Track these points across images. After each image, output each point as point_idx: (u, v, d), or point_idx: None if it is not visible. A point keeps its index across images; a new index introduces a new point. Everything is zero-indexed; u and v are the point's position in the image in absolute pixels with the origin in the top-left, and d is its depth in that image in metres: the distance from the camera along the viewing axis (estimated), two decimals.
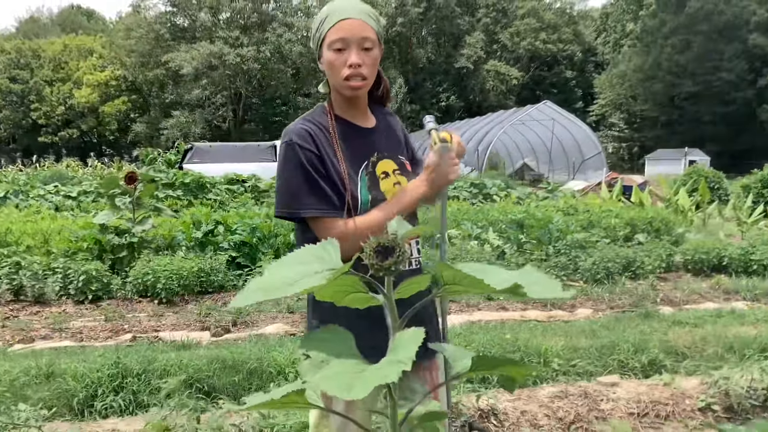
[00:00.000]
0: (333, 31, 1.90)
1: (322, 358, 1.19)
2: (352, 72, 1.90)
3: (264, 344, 4.66)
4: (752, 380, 3.89)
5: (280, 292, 1.23)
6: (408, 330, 1.21)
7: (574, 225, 8.60)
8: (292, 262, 1.31)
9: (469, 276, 1.18)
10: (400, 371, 1.07)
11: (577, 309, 6.05)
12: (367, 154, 2.01)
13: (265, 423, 2.92)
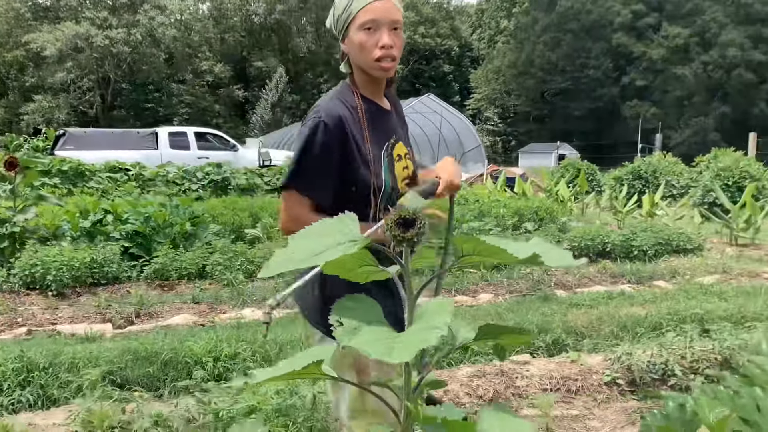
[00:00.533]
0: (364, 12, 1.89)
1: (354, 324, 1.18)
2: (383, 53, 1.90)
3: (176, 335, 4.52)
4: (652, 355, 4.16)
5: (307, 262, 1.22)
6: (435, 299, 1.23)
7: (468, 214, 8.83)
8: (313, 234, 1.29)
9: (492, 246, 1.20)
10: (439, 336, 1.09)
11: (479, 294, 6.24)
12: (388, 136, 2.02)
13: (206, 409, 2.84)
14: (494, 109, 58.81)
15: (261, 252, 6.98)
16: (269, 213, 8.73)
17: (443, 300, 1.20)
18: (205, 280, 6.60)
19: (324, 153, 1.89)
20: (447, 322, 1.12)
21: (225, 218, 8.42)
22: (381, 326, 1.19)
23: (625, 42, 48.02)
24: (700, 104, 46.26)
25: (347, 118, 1.93)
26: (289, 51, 57.96)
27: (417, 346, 1.07)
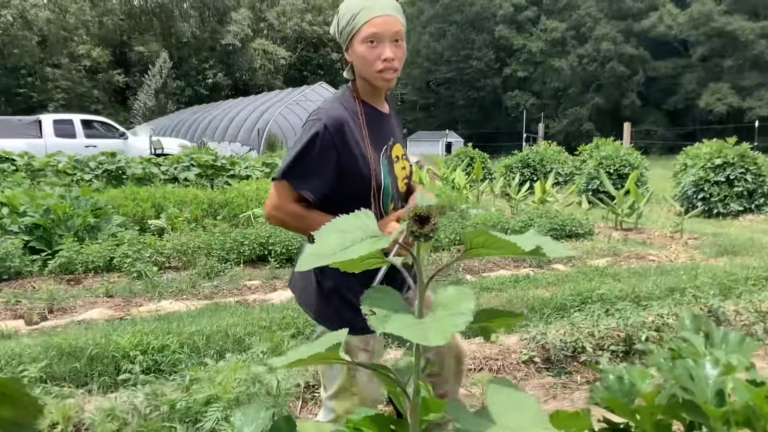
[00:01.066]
0: (367, 26, 2.00)
1: (384, 313, 1.30)
2: (385, 66, 2.03)
3: (98, 329, 4.44)
4: (564, 334, 4.48)
5: (336, 257, 1.32)
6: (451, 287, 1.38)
7: None
8: (335, 229, 1.39)
9: (501, 239, 1.35)
10: (467, 321, 1.23)
11: None
12: (386, 138, 2.16)
13: (159, 401, 2.85)
14: None
15: (170, 243, 6.89)
16: (173, 203, 8.59)
17: (463, 288, 1.34)
18: (113, 273, 6.47)
19: (322, 154, 2.00)
20: (472, 308, 1.27)
21: (126, 209, 8.23)
22: (407, 314, 1.32)
23: (506, 34, 49.69)
24: (576, 95, 48.59)
25: (348, 122, 2.05)
26: (172, 36, 56.11)
27: (450, 331, 1.21)
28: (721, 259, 7.54)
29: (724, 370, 2.04)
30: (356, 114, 2.10)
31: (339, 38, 2.13)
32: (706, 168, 11.75)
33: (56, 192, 7.78)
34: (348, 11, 2.06)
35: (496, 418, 1.33)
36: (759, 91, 41.68)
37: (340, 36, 2.12)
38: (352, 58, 2.10)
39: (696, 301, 5.27)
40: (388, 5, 2.05)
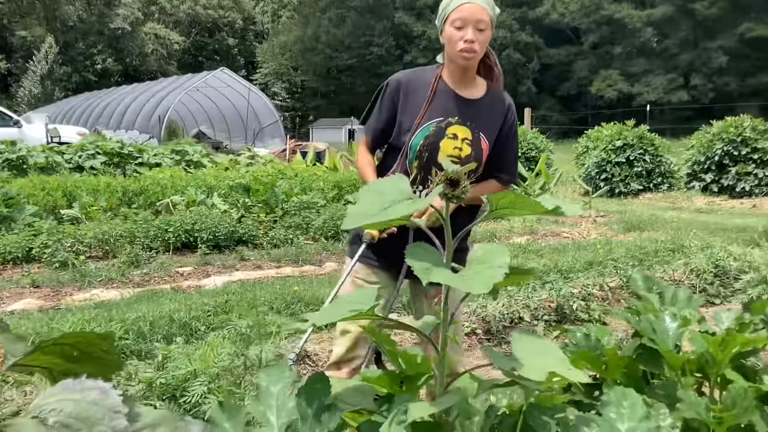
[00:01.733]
0: (455, 11, 2.31)
1: (426, 265, 1.39)
2: (466, 46, 2.30)
3: (38, 319, 4.29)
4: (503, 306, 4.69)
5: (378, 217, 1.42)
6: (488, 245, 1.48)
7: (296, 188, 9.01)
8: (374, 190, 1.49)
9: (527, 200, 1.47)
10: (504, 273, 1.35)
11: (324, 263, 6.49)
12: (448, 113, 2.41)
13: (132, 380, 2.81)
14: (282, 84, 58.65)
15: (91, 232, 6.68)
16: (86, 192, 8.31)
17: (498, 245, 1.45)
18: (33, 264, 6.23)
19: (380, 103, 2.47)
20: (507, 261, 1.38)
21: (36, 199, 7.91)
22: (444, 268, 1.41)
23: (406, 21, 50.05)
24: None
25: (412, 86, 2.44)
26: (56, 19, 53.42)
27: (492, 280, 1.31)
28: (630, 235, 8.00)
29: (681, 323, 2.24)
30: (428, 86, 2.41)
31: (438, 25, 2.43)
32: (608, 150, 12.37)
33: None
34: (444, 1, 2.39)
35: (524, 361, 1.46)
36: (646, 77, 43.88)
37: (438, 22, 2.42)
38: (444, 39, 2.40)
39: (616, 272, 5.62)
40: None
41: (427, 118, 2.39)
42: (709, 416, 1.82)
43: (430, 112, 2.39)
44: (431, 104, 2.40)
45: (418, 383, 1.61)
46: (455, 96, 2.44)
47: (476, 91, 2.49)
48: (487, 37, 2.35)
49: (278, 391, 1.61)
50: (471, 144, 2.42)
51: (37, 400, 1.02)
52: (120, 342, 3.99)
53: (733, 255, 6.11)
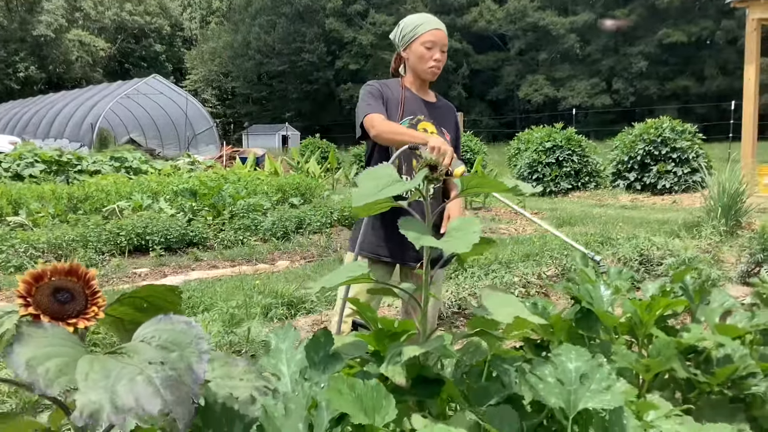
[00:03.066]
0: (428, 34, 2.76)
1: (417, 235, 1.73)
2: (435, 65, 2.79)
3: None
4: (451, 293, 5.06)
5: (375, 196, 1.75)
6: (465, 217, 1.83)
7: (242, 191, 9.22)
8: (370, 177, 1.82)
9: (492, 180, 1.83)
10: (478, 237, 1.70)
11: (276, 262, 6.75)
12: (416, 113, 2.84)
13: None
14: (212, 90, 58.14)
15: (44, 237, 6.77)
16: (31, 199, 8.34)
17: (471, 217, 1.80)
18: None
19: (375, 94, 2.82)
20: (480, 228, 1.73)
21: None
22: (430, 235, 1.76)
23: (337, 27, 50.36)
24: None
25: (390, 90, 2.85)
26: None
27: (470, 242, 1.67)
28: (562, 230, 8.51)
29: (614, 290, 2.65)
30: (398, 93, 2.85)
31: (398, 41, 2.86)
32: (539, 151, 12.96)
33: None
34: (412, 22, 2.82)
35: (493, 309, 1.82)
36: (571, 82, 45.33)
37: (401, 39, 2.84)
38: (409, 56, 2.83)
39: (553, 262, 6.07)
40: (441, 23, 2.83)
41: (403, 116, 2.81)
42: (638, 365, 2.22)
43: (404, 114, 2.82)
44: (404, 107, 2.83)
45: (401, 339, 1.95)
46: (421, 100, 2.90)
47: (431, 96, 2.97)
48: (446, 56, 2.84)
49: (286, 346, 1.95)
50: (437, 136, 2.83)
51: (138, 331, 1.32)
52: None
53: (656, 245, 6.65)
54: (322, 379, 1.76)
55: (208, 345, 1.25)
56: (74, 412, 1.05)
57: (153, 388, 1.09)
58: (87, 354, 1.20)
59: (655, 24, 44.16)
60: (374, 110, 2.85)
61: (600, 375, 1.96)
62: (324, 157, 16.50)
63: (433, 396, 1.92)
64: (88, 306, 1.29)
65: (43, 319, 1.24)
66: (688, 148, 12.14)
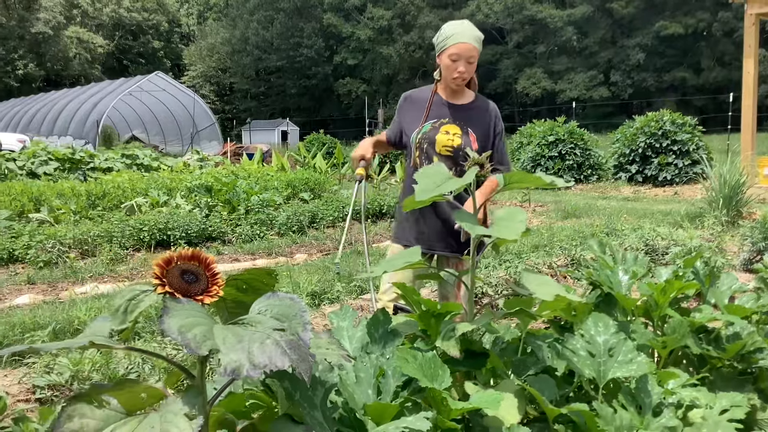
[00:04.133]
0: (453, 47, 2.95)
1: (470, 224, 1.98)
2: (458, 76, 2.99)
3: (52, 308, 4.68)
4: None
5: (435, 191, 2.00)
6: (508, 207, 2.08)
7: (256, 188, 9.45)
8: (426, 175, 2.07)
9: (532, 176, 2.08)
10: (524, 226, 1.96)
11: (295, 255, 6.99)
12: (441, 116, 3.10)
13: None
14: (210, 86, 58.22)
15: (71, 233, 7.01)
16: (53, 196, 8.57)
17: (516, 208, 2.06)
18: (17, 264, 6.52)
19: (397, 111, 3.26)
20: (525, 218, 1.99)
21: (4, 204, 8.14)
22: (480, 225, 2.01)
23: (335, 22, 50.44)
24: (404, 81, 50.40)
25: (414, 100, 3.20)
26: None
27: (518, 230, 1.93)
28: (568, 221, 8.77)
29: (632, 275, 2.91)
30: (426, 99, 3.15)
31: (436, 47, 3.07)
32: (541, 145, 13.21)
33: None
34: (446, 32, 3.00)
35: (534, 289, 2.07)
36: (569, 74, 45.51)
37: (436, 47, 3.06)
38: (440, 63, 3.04)
39: (562, 253, 6.32)
40: (471, 36, 2.98)
41: (426, 120, 3.12)
42: (656, 342, 2.48)
43: (429, 117, 3.11)
44: (429, 113, 3.11)
45: (446, 318, 2.20)
46: (447, 104, 3.14)
47: (464, 98, 3.18)
48: (474, 66, 3.05)
49: (347, 325, 2.22)
50: (461, 137, 3.09)
51: (253, 306, 1.58)
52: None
53: (660, 235, 6.89)
54: (387, 352, 2.01)
55: (309, 317, 1.51)
56: (219, 368, 1.31)
57: (281, 349, 1.36)
58: (216, 324, 1.46)
59: (652, 16, 44.33)
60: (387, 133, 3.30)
61: (626, 348, 2.22)
62: (329, 153, 16.74)
63: (480, 367, 2.18)
64: (209, 286, 1.54)
65: (177, 296, 1.50)
66: (689, 140, 12.39)
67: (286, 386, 1.72)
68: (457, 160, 3.07)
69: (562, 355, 2.19)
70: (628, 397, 2.08)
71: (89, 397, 1.42)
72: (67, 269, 6.08)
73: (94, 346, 1.47)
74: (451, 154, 3.07)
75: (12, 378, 3.54)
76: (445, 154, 3.07)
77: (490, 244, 2.37)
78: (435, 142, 3.08)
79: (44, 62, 52.59)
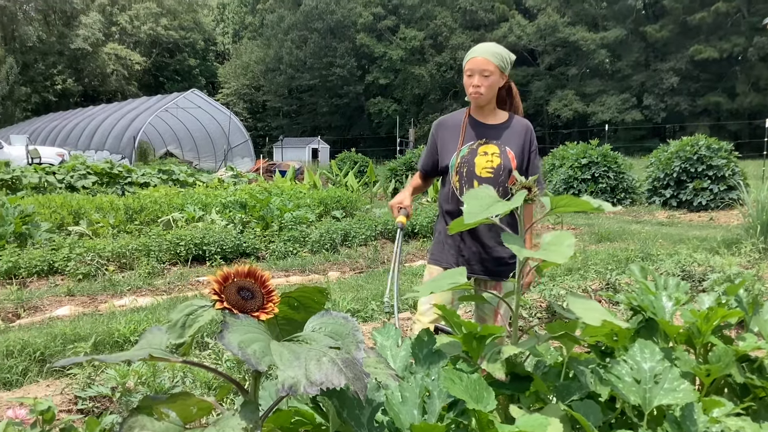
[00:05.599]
0: (467, 63, 3.02)
1: (518, 247, 1.98)
2: (473, 90, 3.02)
3: (92, 320, 4.76)
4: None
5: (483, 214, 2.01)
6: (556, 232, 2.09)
7: (290, 204, 9.53)
8: (474, 197, 2.09)
9: (578, 199, 2.08)
10: (572, 250, 1.96)
11: (328, 272, 7.03)
12: (478, 137, 3.13)
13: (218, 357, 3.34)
14: (243, 104, 58.93)
15: (110, 246, 7.12)
16: (92, 209, 8.72)
17: (565, 232, 2.07)
18: (56, 276, 6.64)
19: (429, 141, 3.30)
20: (573, 242, 2.00)
21: (44, 217, 8.30)
22: (527, 249, 2.02)
23: (367, 42, 50.86)
24: (435, 101, 50.65)
25: (446, 124, 3.21)
26: (15, 40, 52.86)
27: (567, 254, 1.93)
28: (601, 245, 8.71)
29: (675, 302, 2.88)
30: (459, 122, 3.17)
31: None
32: (574, 167, 13.15)
33: None
34: (466, 55, 3.08)
35: (580, 313, 2.07)
36: (600, 97, 45.32)
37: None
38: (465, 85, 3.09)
39: (597, 276, 6.28)
40: (487, 51, 3.01)
41: (463, 143, 3.12)
42: (699, 370, 2.46)
43: (465, 139, 3.11)
44: (465, 135, 3.11)
45: (487, 341, 2.21)
46: (482, 125, 3.14)
47: (498, 118, 3.19)
48: (493, 80, 3.03)
49: (390, 344, 2.23)
50: (499, 156, 3.10)
51: (307, 324, 1.61)
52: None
53: (697, 261, 6.82)
54: (431, 372, 2.03)
55: (362, 336, 1.53)
56: (277, 384, 1.34)
57: (337, 367, 1.38)
58: (272, 340, 1.49)
59: (687, 40, 44.06)
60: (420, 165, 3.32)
61: (671, 375, 2.21)
62: (361, 171, 16.83)
63: (524, 390, 2.19)
64: (265, 302, 1.58)
65: (234, 312, 1.53)
66: (724, 165, 12.25)
67: (335, 404, 1.74)
68: (498, 180, 3.08)
69: (606, 380, 2.19)
70: (674, 425, 2.07)
71: (149, 409, 1.45)
72: (106, 282, 6.18)
73: (153, 359, 1.51)
74: (492, 175, 3.08)
75: (54, 389, 3.61)
76: (486, 176, 3.08)
77: (535, 267, 2.38)
78: (475, 165, 3.09)
79: (82, 78, 53.67)
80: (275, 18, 56.18)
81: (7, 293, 5.70)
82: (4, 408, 3.44)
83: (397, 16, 52.55)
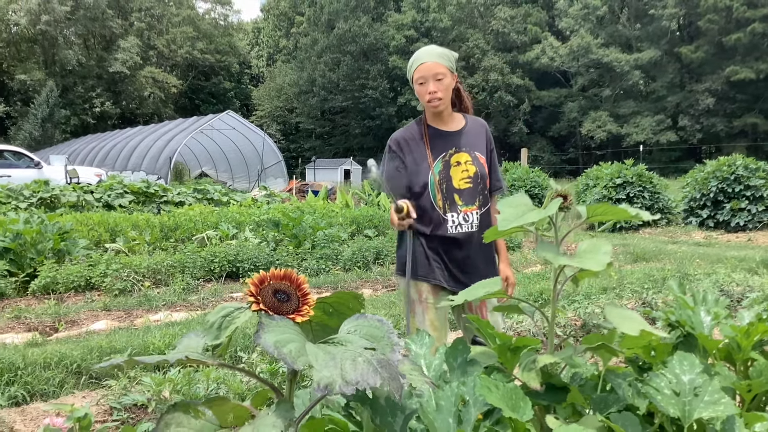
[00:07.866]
0: (416, 72, 2.86)
1: (552, 254, 1.97)
2: (430, 97, 2.85)
3: (123, 335, 4.82)
4: (537, 324, 5.25)
5: (517, 222, 2.01)
6: (593, 239, 2.07)
7: (323, 223, 9.58)
8: (509, 204, 2.08)
9: (616, 208, 2.06)
10: (609, 258, 1.94)
11: (360, 290, 7.03)
12: (446, 148, 2.95)
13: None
14: (277, 125, 59.52)
15: (146, 262, 7.21)
16: (128, 227, 8.85)
17: (600, 240, 2.04)
18: (93, 291, 6.74)
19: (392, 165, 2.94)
20: (610, 250, 1.97)
21: (82, 234, 8.44)
22: (563, 255, 2.00)
23: (400, 64, 51.12)
24: None
25: (407, 141, 2.94)
26: (55, 63, 54.17)
27: (603, 262, 1.91)
28: (637, 265, 8.59)
29: (714, 316, 2.83)
30: (421, 134, 2.96)
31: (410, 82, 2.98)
32: (608, 187, 13.02)
33: (21, 218, 7.89)
34: (410, 63, 2.93)
35: (618, 323, 2.04)
36: (635, 118, 44.96)
37: (410, 80, 2.96)
38: (417, 95, 2.93)
39: (633, 295, 6.19)
40: (432, 54, 2.87)
41: (433, 158, 2.92)
42: (740, 385, 2.41)
43: (433, 153, 2.92)
44: (431, 149, 2.92)
45: (523, 351, 2.19)
46: (445, 133, 2.98)
47: (457, 123, 3.03)
48: (447, 83, 2.88)
49: (424, 352, 2.22)
50: (473, 163, 2.99)
51: (342, 327, 1.61)
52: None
53: (735, 281, 6.70)
54: (468, 380, 2.01)
55: (397, 338, 1.53)
56: (313, 384, 1.34)
57: (372, 367, 1.38)
58: (307, 341, 1.50)
59: (723, 61, 43.60)
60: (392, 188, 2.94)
61: (712, 388, 2.16)
62: None
63: (560, 401, 2.16)
64: (300, 305, 1.58)
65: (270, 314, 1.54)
66: (762, 186, 12.04)
67: (368, 411, 1.74)
68: (477, 188, 2.96)
69: (644, 393, 2.15)
70: None
71: (186, 407, 1.46)
72: (141, 297, 6.26)
73: (190, 361, 1.52)
74: (471, 185, 2.95)
75: (90, 399, 3.65)
76: (465, 186, 2.94)
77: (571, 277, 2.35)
78: (452, 179, 2.94)
79: (120, 100, 54.69)
80: (309, 41, 56.84)
81: (45, 308, 5.80)
82: (41, 418, 3.48)
83: (429, 38, 52.79)
